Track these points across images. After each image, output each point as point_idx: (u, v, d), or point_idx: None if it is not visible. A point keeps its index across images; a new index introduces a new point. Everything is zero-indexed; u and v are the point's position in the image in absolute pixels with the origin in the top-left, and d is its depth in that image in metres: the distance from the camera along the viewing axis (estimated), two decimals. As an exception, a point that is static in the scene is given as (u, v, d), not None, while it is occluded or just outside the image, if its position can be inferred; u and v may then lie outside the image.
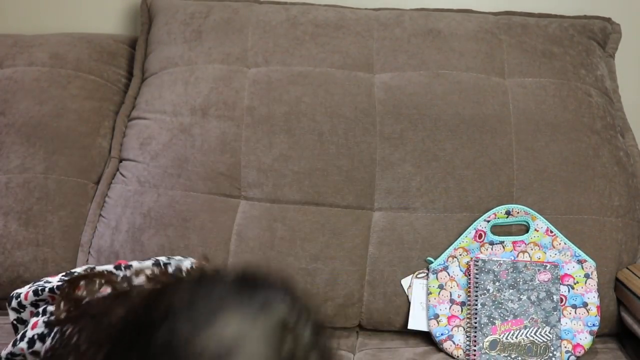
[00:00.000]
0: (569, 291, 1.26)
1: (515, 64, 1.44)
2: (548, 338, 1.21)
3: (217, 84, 1.43)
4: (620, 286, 1.28)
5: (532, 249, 1.29)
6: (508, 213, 1.31)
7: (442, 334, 1.26)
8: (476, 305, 1.25)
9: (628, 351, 1.27)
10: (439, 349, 1.26)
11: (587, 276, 1.27)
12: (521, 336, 1.22)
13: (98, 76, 1.53)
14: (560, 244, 1.29)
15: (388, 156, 1.36)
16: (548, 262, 1.27)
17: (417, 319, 1.29)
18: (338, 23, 1.49)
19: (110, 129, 1.48)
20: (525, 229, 1.31)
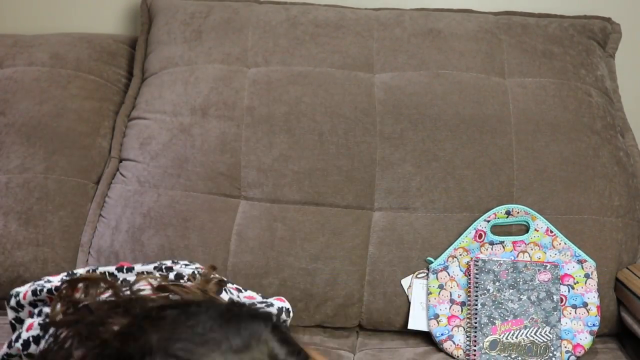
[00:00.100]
0: (569, 291, 1.26)
1: (515, 64, 1.44)
2: (548, 338, 1.21)
3: (217, 84, 1.42)
4: (620, 286, 1.28)
5: (532, 249, 1.29)
6: (508, 213, 1.31)
7: (442, 334, 1.26)
8: (476, 305, 1.25)
9: (628, 351, 1.27)
10: (439, 349, 1.26)
11: (587, 276, 1.27)
12: (521, 336, 1.22)
13: (98, 76, 1.53)
14: (560, 244, 1.29)
15: (388, 156, 1.36)
16: (548, 262, 1.27)
17: (417, 319, 1.29)
18: (338, 23, 1.49)
19: (110, 129, 1.48)
20: (525, 229, 1.31)
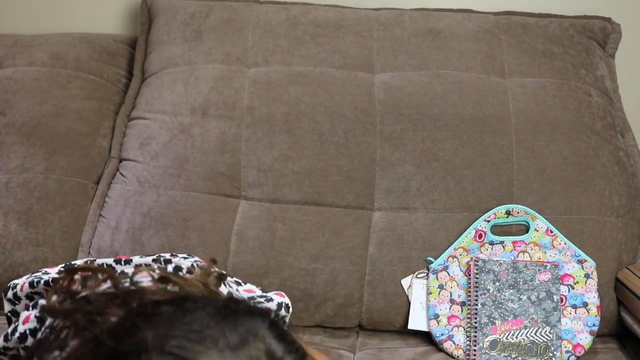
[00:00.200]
0: (569, 291, 1.26)
1: (515, 64, 1.44)
2: (548, 338, 1.21)
3: (217, 84, 1.42)
4: (620, 286, 1.28)
5: (532, 249, 1.29)
6: (508, 213, 1.31)
7: (442, 334, 1.26)
8: (476, 305, 1.25)
9: (628, 351, 1.27)
10: (439, 349, 1.26)
11: (587, 276, 1.27)
12: (521, 336, 1.22)
13: (98, 76, 1.53)
14: (560, 244, 1.29)
15: (388, 156, 1.36)
16: (548, 262, 1.27)
17: (417, 319, 1.29)
18: (338, 23, 1.49)
19: (110, 129, 1.48)
20: (525, 229, 1.31)
